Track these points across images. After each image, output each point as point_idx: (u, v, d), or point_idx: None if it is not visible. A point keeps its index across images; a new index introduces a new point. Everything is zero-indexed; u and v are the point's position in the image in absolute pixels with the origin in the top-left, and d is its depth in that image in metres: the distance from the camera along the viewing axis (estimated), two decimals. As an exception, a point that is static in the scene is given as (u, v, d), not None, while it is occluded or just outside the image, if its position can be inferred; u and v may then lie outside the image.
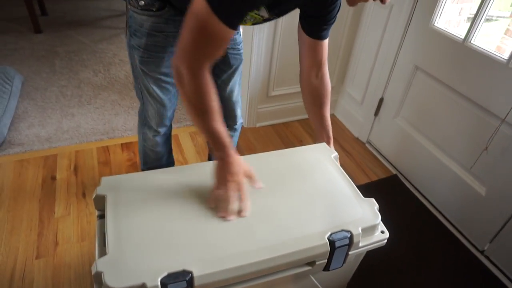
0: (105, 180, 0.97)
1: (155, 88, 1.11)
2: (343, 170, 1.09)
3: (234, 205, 0.87)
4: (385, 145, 1.82)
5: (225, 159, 0.88)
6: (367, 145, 1.92)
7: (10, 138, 1.70)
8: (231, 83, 1.22)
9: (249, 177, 0.93)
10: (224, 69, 1.18)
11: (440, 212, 1.55)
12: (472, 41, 1.31)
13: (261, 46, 1.68)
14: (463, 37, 1.33)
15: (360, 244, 0.92)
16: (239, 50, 1.18)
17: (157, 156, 1.32)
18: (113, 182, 0.97)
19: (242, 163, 0.92)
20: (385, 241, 0.97)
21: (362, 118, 1.92)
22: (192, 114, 0.85)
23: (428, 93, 1.52)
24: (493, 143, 1.27)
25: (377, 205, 0.98)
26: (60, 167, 1.58)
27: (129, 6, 1.00)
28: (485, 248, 1.39)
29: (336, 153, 1.16)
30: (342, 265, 0.95)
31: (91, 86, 2.14)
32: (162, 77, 1.09)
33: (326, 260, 0.91)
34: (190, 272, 0.77)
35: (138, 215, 0.89)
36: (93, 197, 0.94)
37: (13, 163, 1.58)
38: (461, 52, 1.34)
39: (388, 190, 1.66)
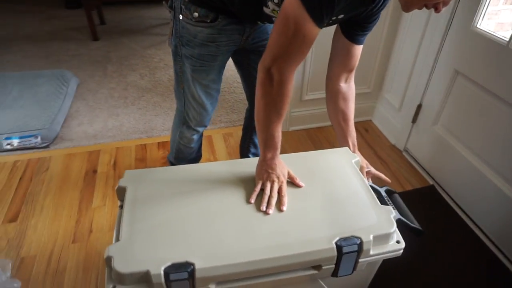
0: (128, 173, 1.04)
1: (201, 94, 1.18)
2: (362, 176, 1.06)
3: (274, 200, 0.92)
4: (423, 154, 1.72)
5: (273, 160, 0.94)
6: (404, 153, 1.83)
7: (62, 134, 1.87)
8: None
9: (292, 178, 0.98)
10: None
11: (478, 227, 1.44)
12: (517, 43, 1.21)
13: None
14: (507, 39, 1.23)
15: (371, 252, 0.89)
16: None
17: (190, 151, 1.40)
18: (136, 175, 1.03)
19: (284, 165, 0.98)
20: (401, 251, 0.93)
21: (399, 125, 1.84)
22: (263, 114, 0.89)
23: (469, 99, 1.42)
24: (539, 155, 1.16)
25: (394, 213, 0.94)
26: (101, 161, 1.71)
27: (181, 17, 1.05)
28: (529, 270, 1.26)
29: (358, 158, 1.13)
30: (352, 272, 0.92)
31: (136, 88, 2.28)
32: (210, 84, 1.16)
33: (334, 266, 0.89)
34: (192, 264, 0.80)
35: (153, 207, 0.94)
36: (116, 188, 1.01)
37: (63, 156, 1.74)
38: (505, 55, 1.24)
39: (424, 201, 1.57)
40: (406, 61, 1.73)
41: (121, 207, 0.99)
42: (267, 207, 0.91)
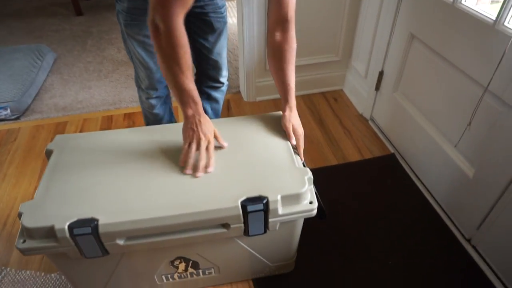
0: (58, 137, 1.07)
1: (140, 51, 1.17)
2: (288, 142, 1.05)
3: (203, 162, 0.93)
4: (386, 122, 1.69)
5: (196, 117, 0.92)
6: (370, 122, 1.80)
7: (33, 107, 1.92)
8: (217, 46, 1.27)
9: (216, 137, 0.98)
10: (209, 33, 1.22)
11: (431, 194, 1.42)
12: (462, 1, 1.15)
13: (253, 17, 1.66)
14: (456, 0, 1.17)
15: (280, 212, 0.89)
16: (222, 13, 1.21)
17: (156, 118, 1.40)
18: (64, 140, 1.06)
19: (210, 122, 0.97)
20: (314, 211, 0.93)
21: (365, 94, 1.80)
22: (165, 68, 0.88)
23: (423, 63, 1.37)
24: (479, 118, 1.12)
25: (309, 175, 0.94)
26: (67, 132, 1.76)
27: None
28: (472, 236, 1.24)
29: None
30: (265, 231, 0.93)
31: (112, 62, 2.30)
32: (146, 40, 1.14)
33: (243, 225, 0.90)
34: (96, 220, 0.83)
35: (71, 170, 0.96)
36: (44, 151, 1.04)
37: (30, 128, 1.79)
38: (451, 14, 1.18)
39: (382, 169, 1.56)
40: (369, 26, 1.67)
41: (47, 170, 1.03)
42: (195, 170, 0.91)
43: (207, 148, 0.94)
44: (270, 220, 0.90)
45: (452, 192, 1.30)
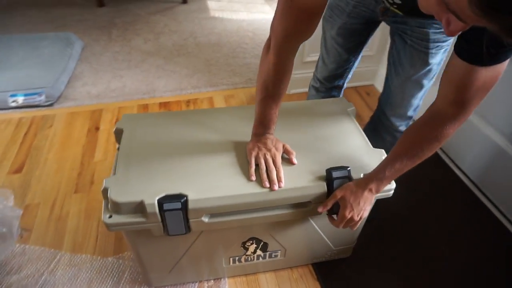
0: (125, 116, 1.06)
1: (323, 42, 1.14)
2: (357, 123, 1.07)
3: (274, 175, 0.86)
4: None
5: (262, 137, 0.90)
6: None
7: (66, 94, 1.90)
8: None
9: (288, 152, 0.92)
10: None
11: (463, 172, 1.44)
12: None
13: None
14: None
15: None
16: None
17: None
18: (133, 118, 1.05)
19: (279, 141, 0.92)
20: (391, 191, 0.94)
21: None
22: (259, 84, 0.86)
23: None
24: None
25: (385, 155, 0.95)
26: (103, 120, 1.74)
27: None
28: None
29: (353, 107, 1.13)
30: (343, 211, 0.93)
31: (140, 52, 2.29)
32: (335, 38, 1.08)
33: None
34: (186, 196, 0.82)
35: (149, 146, 0.96)
36: (113, 131, 1.03)
37: (66, 115, 1.77)
38: None
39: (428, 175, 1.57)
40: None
41: (119, 149, 1.02)
42: (270, 184, 0.85)
43: (274, 162, 0.88)
44: (351, 200, 0.91)
45: (487, 168, 1.32)
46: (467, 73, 0.64)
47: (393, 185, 0.93)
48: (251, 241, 1.00)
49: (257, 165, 0.89)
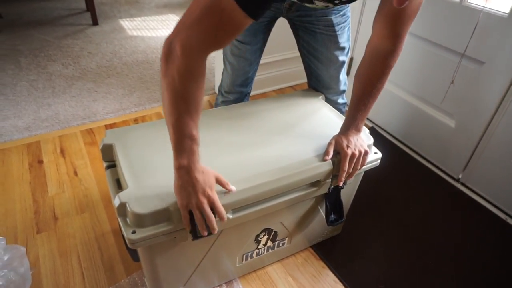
0: (110, 132, 0.99)
1: (228, 49, 1.16)
2: (331, 107, 1.18)
3: (214, 224, 0.79)
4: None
5: (190, 173, 0.74)
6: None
7: (-14, 131, 1.64)
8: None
9: (221, 183, 0.81)
10: None
11: (416, 152, 1.69)
12: (428, -11, 1.45)
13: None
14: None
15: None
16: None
17: None
18: (119, 133, 0.99)
19: (209, 172, 0.78)
20: (379, 161, 1.07)
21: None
22: (171, 102, 0.70)
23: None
24: (458, 77, 1.41)
25: (367, 130, 1.07)
26: (45, 151, 1.55)
27: None
28: (460, 176, 1.53)
29: (322, 95, 1.24)
30: (345, 184, 1.03)
31: (63, 77, 2.09)
32: (237, 41, 1.12)
33: (331, 180, 0.98)
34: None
35: (150, 156, 0.92)
36: (100, 148, 0.96)
37: (-6, 153, 1.53)
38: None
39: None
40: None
41: (109, 167, 0.95)
42: (210, 230, 0.79)
43: (212, 207, 0.77)
44: (351, 171, 1.00)
45: (436, 144, 1.58)
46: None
47: (379, 154, 1.06)
48: (264, 233, 1.03)
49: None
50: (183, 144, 0.73)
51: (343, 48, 1.14)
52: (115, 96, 1.96)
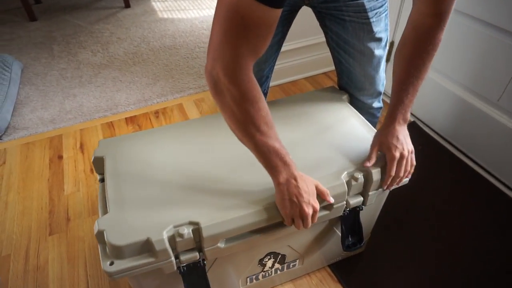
0: (102, 142, 0.92)
1: None
2: (356, 111, 1.01)
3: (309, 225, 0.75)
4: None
5: (292, 184, 0.71)
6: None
7: (14, 123, 1.68)
8: None
9: (320, 192, 0.76)
10: None
11: (466, 155, 1.46)
12: (489, -42, 1.18)
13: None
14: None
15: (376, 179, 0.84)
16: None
17: None
18: (111, 143, 0.92)
19: (309, 179, 0.75)
20: (407, 179, 0.89)
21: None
22: (242, 132, 0.68)
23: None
24: (520, 69, 1.16)
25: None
26: (66, 146, 1.55)
27: None
28: (519, 186, 1.29)
29: (346, 94, 1.07)
30: (362, 208, 0.88)
31: (90, 66, 2.08)
32: None
33: (345, 203, 0.84)
34: (197, 223, 0.72)
35: (138, 174, 0.84)
36: (92, 160, 0.89)
37: (19, 146, 1.56)
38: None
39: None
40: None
41: (102, 180, 0.88)
42: (306, 226, 0.75)
43: (313, 217, 0.75)
44: (370, 193, 0.85)
45: (492, 146, 1.34)
46: None
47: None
48: (269, 257, 0.92)
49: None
50: (272, 162, 0.70)
51: (379, 40, 0.94)
52: (138, 86, 1.90)
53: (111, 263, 0.70)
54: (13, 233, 1.22)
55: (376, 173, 0.82)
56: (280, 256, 0.94)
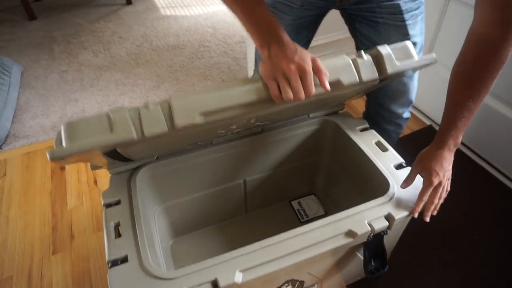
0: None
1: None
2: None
3: (301, 89, 0.60)
4: (419, 96, 1.62)
5: (272, 46, 0.61)
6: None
7: (14, 131, 1.62)
8: None
9: (316, 66, 0.61)
10: None
11: (488, 163, 1.38)
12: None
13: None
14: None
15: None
16: None
17: None
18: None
19: (302, 50, 0.63)
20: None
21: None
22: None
23: (463, 24, 1.31)
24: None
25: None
26: (68, 156, 1.49)
27: None
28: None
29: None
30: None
31: (92, 68, 2.01)
32: None
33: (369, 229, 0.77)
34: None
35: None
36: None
37: (20, 156, 1.50)
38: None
39: (423, 143, 1.49)
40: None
41: (107, 206, 0.82)
42: (297, 93, 0.60)
43: (313, 66, 0.62)
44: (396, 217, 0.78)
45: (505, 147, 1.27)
46: None
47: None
48: (286, 284, 0.86)
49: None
50: (261, 25, 0.63)
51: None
52: (142, 89, 1.83)
53: None
54: (15, 252, 1.16)
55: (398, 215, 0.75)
56: (298, 283, 0.88)
